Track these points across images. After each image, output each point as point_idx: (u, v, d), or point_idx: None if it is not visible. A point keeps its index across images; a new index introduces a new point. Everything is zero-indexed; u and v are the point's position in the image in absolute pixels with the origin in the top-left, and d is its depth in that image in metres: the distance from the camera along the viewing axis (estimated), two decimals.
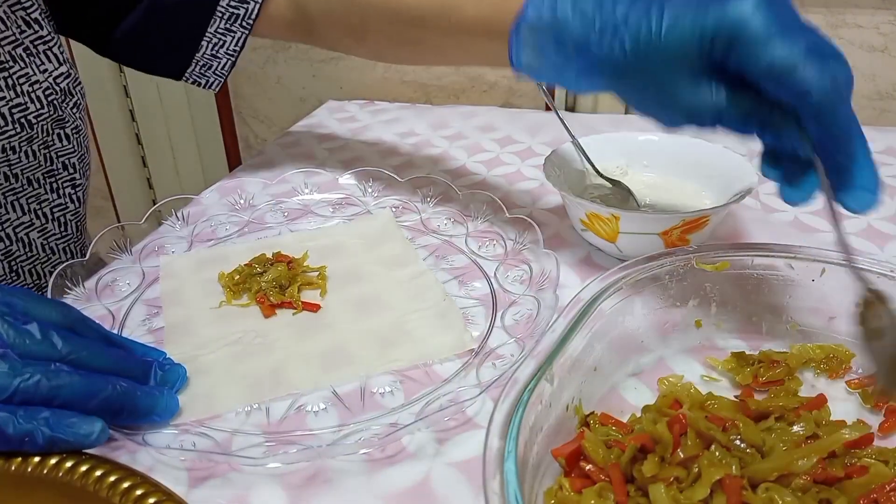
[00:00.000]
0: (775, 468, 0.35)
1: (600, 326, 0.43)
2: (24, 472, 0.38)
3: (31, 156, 0.59)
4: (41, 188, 0.61)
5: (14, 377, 0.38)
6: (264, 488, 0.40)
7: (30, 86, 0.58)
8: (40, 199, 0.61)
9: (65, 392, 0.39)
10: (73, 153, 0.64)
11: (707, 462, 0.34)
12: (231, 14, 0.65)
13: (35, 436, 0.38)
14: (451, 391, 0.45)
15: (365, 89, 1.11)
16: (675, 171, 0.66)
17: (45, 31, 0.60)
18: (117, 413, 0.41)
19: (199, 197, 0.71)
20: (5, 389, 0.37)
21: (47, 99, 0.60)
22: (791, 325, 0.48)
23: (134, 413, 0.42)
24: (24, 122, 0.58)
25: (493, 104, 1.06)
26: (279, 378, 0.47)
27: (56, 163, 0.62)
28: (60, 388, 0.39)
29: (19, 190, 0.60)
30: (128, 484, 0.37)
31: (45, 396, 0.38)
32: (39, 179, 0.61)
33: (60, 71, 0.61)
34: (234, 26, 0.65)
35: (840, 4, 0.88)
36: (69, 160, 0.63)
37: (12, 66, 0.57)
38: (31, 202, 0.61)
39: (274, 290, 0.55)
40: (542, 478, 0.37)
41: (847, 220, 0.65)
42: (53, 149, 0.61)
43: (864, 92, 0.93)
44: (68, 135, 0.63)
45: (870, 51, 0.90)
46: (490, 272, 0.57)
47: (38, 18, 0.59)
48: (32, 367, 0.38)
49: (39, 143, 0.60)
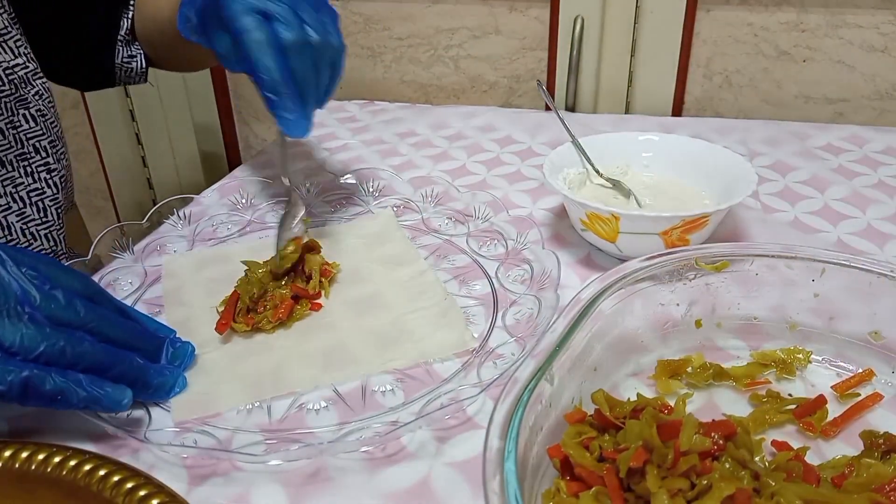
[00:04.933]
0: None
1: (600, 326, 0.43)
2: (27, 470, 0.38)
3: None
4: (14, 171, 0.63)
5: (42, 340, 0.39)
6: (265, 486, 0.40)
7: None
8: (15, 182, 0.63)
9: (85, 360, 0.40)
10: (43, 136, 0.65)
11: (719, 476, 0.34)
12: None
13: (69, 395, 0.39)
14: (452, 390, 0.45)
15: (365, 89, 1.11)
16: (675, 171, 0.66)
17: (1, 24, 0.62)
18: (130, 386, 0.42)
19: (200, 197, 0.71)
20: (31, 351, 0.39)
21: (8, 78, 0.62)
22: (791, 325, 0.48)
23: (145, 388, 0.43)
24: None
25: (493, 104, 1.06)
26: (280, 377, 0.48)
27: (27, 146, 0.64)
28: (83, 356, 0.40)
29: None
30: (131, 484, 0.37)
31: (68, 362, 0.40)
32: (12, 161, 0.63)
33: (17, 62, 0.63)
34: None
35: (840, 4, 0.89)
36: (39, 143, 0.65)
37: None
38: (6, 184, 0.62)
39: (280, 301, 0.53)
40: (542, 478, 0.37)
41: (847, 221, 0.66)
42: (21, 130, 0.63)
43: (864, 92, 0.93)
44: (33, 116, 0.64)
45: (870, 51, 0.90)
46: (491, 272, 0.57)
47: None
48: (58, 333, 0.40)
49: (5, 121, 0.62)
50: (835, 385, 0.45)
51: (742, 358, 0.48)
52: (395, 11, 1.05)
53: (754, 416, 0.42)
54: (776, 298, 0.48)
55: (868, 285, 0.45)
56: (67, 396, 0.39)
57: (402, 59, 1.08)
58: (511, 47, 1.03)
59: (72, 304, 0.41)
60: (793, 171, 0.76)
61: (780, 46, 0.93)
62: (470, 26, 1.03)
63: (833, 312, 0.47)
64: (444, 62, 1.07)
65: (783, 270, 0.47)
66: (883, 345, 0.45)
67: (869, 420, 0.43)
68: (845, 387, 0.44)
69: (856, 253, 0.54)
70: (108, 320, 0.43)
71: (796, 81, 0.94)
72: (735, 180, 0.59)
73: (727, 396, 0.45)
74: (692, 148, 0.65)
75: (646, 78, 0.97)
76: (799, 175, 0.75)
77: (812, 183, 0.73)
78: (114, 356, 0.42)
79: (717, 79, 0.97)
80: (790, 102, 0.96)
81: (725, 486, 0.33)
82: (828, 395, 0.43)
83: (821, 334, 0.47)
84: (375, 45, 1.09)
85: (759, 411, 0.43)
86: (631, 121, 0.92)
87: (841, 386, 0.44)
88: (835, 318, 0.47)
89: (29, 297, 0.40)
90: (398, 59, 1.09)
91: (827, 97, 0.94)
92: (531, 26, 1.00)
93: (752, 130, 0.85)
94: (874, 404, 0.43)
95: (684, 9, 0.91)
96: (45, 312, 0.40)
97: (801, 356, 0.47)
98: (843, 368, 0.46)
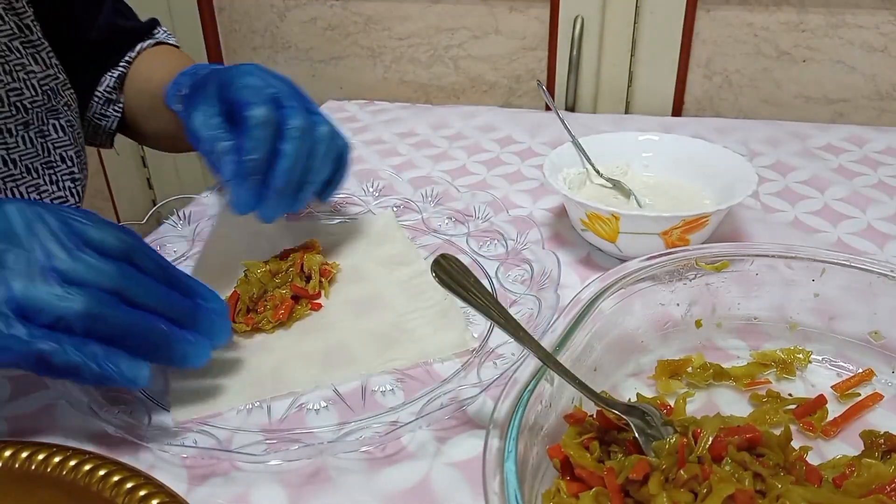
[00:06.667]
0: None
1: (600, 326, 0.43)
2: (27, 470, 0.38)
3: (28, 142, 0.61)
4: (40, 178, 0.62)
5: (59, 301, 0.38)
6: (265, 486, 0.40)
7: (25, 74, 0.61)
8: (40, 189, 0.63)
9: (103, 325, 0.39)
10: (70, 146, 0.65)
11: (718, 478, 0.34)
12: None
13: (82, 370, 0.38)
14: (452, 390, 0.45)
15: (365, 89, 1.12)
16: (675, 171, 0.66)
17: (34, 36, 0.62)
18: (151, 354, 0.41)
19: (200, 197, 0.71)
20: (47, 314, 0.37)
21: (41, 89, 0.62)
22: (791, 325, 0.48)
23: (168, 357, 0.41)
24: (20, 105, 0.60)
25: (493, 104, 1.06)
26: (280, 377, 0.48)
27: (53, 154, 0.63)
28: (102, 320, 0.39)
29: (18, 177, 0.61)
30: (131, 484, 0.37)
31: (86, 326, 0.38)
32: (38, 169, 0.62)
33: (47, 73, 0.63)
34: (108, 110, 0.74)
35: (840, 4, 0.89)
36: (66, 153, 0.65)
37: (10, 55, 0.60)
38: (30, 191, 0.62)
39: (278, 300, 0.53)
40: (542, 478, 0.37)
41: (847, 221, 0.66)
42: (50, 139, 0.63)
43: (864, 92, 0.93)
44: (62, 126, 0.64)
45: (870, 51, 0.90)
46: (491, 272, 0.57)
47: (29, 24, 0.62)
48: (78, 295, 0.38)
49: (35, 130, 0.61)
50: (835, 385, 0.45)
51: (742, 358, 0.48)
52: (395, 11, 1.05)
53: (754, 416, 0.42)
54: (776, 298, 0.48)
55: (868, 285, 0.45)
56: (81, 372, 0.38)
57: (402, 59, 1.08)
58: (511, 47, 1.03)
59: (99, 264, 0.39)
60: (793, 171, 0.76)
61: (780, 46, 0.93)
62: (470, 26, 1.03)
63: (833, 312, 0.47)
64: (444, 62, 1.07)
65: (783, 270, 0.47)
66: (883, 345, 0.45)
67: (869, 420, 0.43)
68: (845, 387, 0.44)
69: (856, 253, 0.54)
70: (139, 285, 0.41)
71: (796, 81, 0.94)
72: (735, 180, 0.59)
73: (727, 396, 0.45)
74: (692, 148, 0.65)
75: (646, 78, 0.97)
76: (799, 175, 0.75)
77: (812, 183, 0.73)
78: (134, 322, 0.40)
79: (717, 79, 0.97)
80: (790, 102, 0.96)
81: (725, 487, 0.33)
82: (828, 395, 0.44)
83: (821, 334, 0.47)
84: (375, 45, 1.09)
85: (759, 411, 0.43)
86: (631, 121, 0.92)
87: (841, 386, 0.44)
88: (835, 318, 0.47)
89: (52, 257, 0.39)
90: (398, 59, 1.09)
91: (827, 97, 0.94)
92: (531, 26, 1.00)
93: (752, 130, 0.85)
94: (874, 404, 0.43)
95: (684, 9, 0.92)
96: (69, 276, 0.39)
97: (802, 356, 0.47)
98: (843, 368, 0.46)
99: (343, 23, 1.09)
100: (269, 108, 0.51)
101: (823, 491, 0.34)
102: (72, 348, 0.38)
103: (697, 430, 0.36)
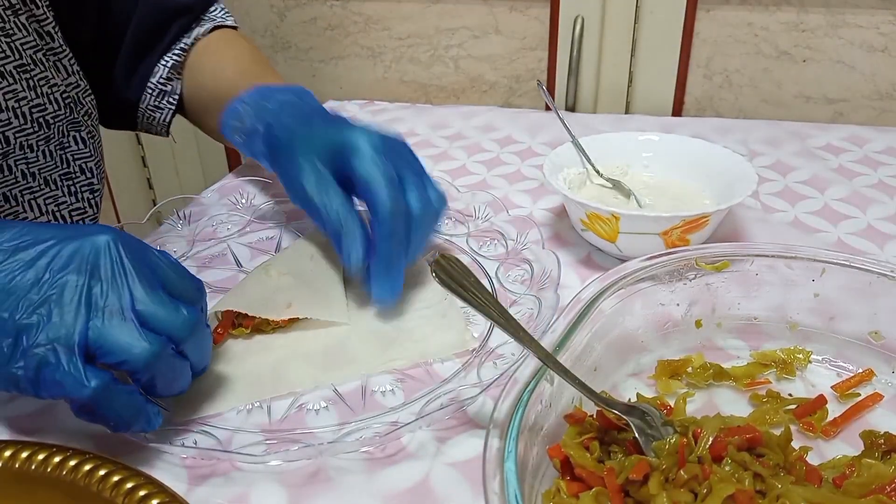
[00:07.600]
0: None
1: (600, 326, 0.43)
2: (27, 470, 0.38)
3: (49, 155, 0.60)
4: (58, 190, 0.62)
5: (134, 342, 0.37)
6: (265, 487, 0.40)
7: (49, 88, 0.60)
8: (58, 200, 0.62)
9: (157, 373, 0.39)
10: (90, 157, 0.65)
11: (718, 478, 0.34)
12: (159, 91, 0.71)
13: (118, 424, 0.39)
14: (452, 390, 0.45)
15: (365, 89, 1.11)
16: (675, 171, 0.66)
17: (56, 43, 0.61)
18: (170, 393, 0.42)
19: (200, 197, 0.71)
20: (116, 355, 0.37)
21: (64, 101, 0.61)
22: (791, 325, 0.48)
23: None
24: (42, 121, 0.59)
25: (493, 104, 1.06)
26: (280, 377, 0.48)
27: (73, 165, 0.63)
28: (160, 369, 0.39)
29: (36, 189, 0.60)
30: (131, 484, 0.37)
31: (146, 372, 0.39)
32: (56, 181, 0.62)
33: (69, 81, 0.62)
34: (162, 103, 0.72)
35: (840, 4, 0.89)
36: (86, 164, 0.64)
37: (34, 69, 0.59)
38: (48, 203, 0.61)
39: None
40: (542, 478, 0.37)
41: (847, 221, 0.66)
42: (70, 151, 0.62)
43: (865, 92, 0.93)
44: (83, 139, 0.64)
45: (870, 51, 0.90)
46: (491, 272, 0.57)
47: (50, 31, 0.61)
48: (152, 343, 0.38)
49: (55, 143, 0.61)
50: (835, 385, 0.45)
51: (742, 358, 0.48)
52: (395, 11, 1.05)
53: (754, 416, 0.42)
54: (776, 298, 0.48)
55: (868, 285, 0.45)
56: (113, 423, 0.39)
57: (402, 59, 1.08)
58: (511, 47, 1.03)
59: (174, 313, 0.39)
60: (793, 171, 0.76)
61: (780, 46, 0.93)
62: (470, 26, 1.03)
63: (833, 312, 0.47)
64: (444, 62, 1.07)
65: (783, 270, 0.47)
66: (883, 345, 0.45)
67: (869, 420, 0.43)
68: (845, 387, 0.44)
69: (856, 253, 0.54)
70: (203, 335, 0.42)
71: (796, 81, 0.94)
72: (735, 180, 0.59)
73: (727, 396, 0.45)
74: (692, 148, 0.65)
75: (646, 78, 0.97)
76: (799, 175, 0.75)
77: (812, 183, 0.73)
78: (186, 374, 0.41)
79: (717, 79, 0.97)
80: (790, 102, 0.96)
81: (725, 487, 0.33)
82: (828, 395, 0.44)
83: (821, 334, 0.47)
84: (375, 45, 1.09)
85: (759, 411, 0.43)
86: (631, 121, 0.92)
87: (841, 386, 0.44)
88: (835, 318, 0.47)
89: (136, 299, 0.38)
90: (398, 59, 1.09)
91: (827, 97, 0.94)
92: (531, 26, 1.00)
93: (752, 130, 0.85)
94: (874, 404, 0.43)
95: (684, 9, 0.92)
96: (148, 319, 0.38)
97: (801, 356, 0.47)
98: (843, 368, 0.46)
99: (343, 23, 1.09)
100: (398, 193, 0.50)
101: (823, 491, 0.34)
102: (119, 400, 0.38)
103: (697, 431, 0.37)
